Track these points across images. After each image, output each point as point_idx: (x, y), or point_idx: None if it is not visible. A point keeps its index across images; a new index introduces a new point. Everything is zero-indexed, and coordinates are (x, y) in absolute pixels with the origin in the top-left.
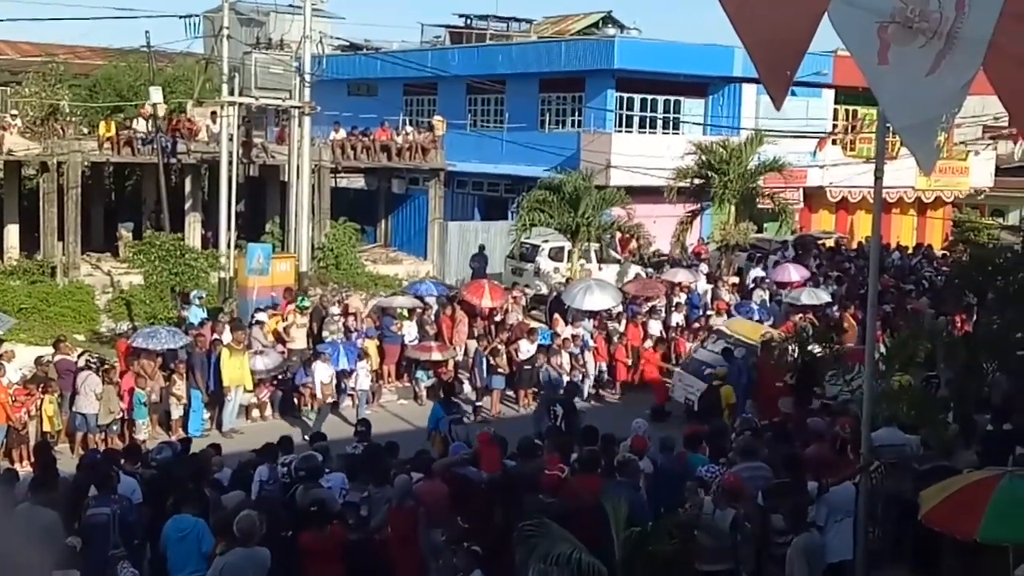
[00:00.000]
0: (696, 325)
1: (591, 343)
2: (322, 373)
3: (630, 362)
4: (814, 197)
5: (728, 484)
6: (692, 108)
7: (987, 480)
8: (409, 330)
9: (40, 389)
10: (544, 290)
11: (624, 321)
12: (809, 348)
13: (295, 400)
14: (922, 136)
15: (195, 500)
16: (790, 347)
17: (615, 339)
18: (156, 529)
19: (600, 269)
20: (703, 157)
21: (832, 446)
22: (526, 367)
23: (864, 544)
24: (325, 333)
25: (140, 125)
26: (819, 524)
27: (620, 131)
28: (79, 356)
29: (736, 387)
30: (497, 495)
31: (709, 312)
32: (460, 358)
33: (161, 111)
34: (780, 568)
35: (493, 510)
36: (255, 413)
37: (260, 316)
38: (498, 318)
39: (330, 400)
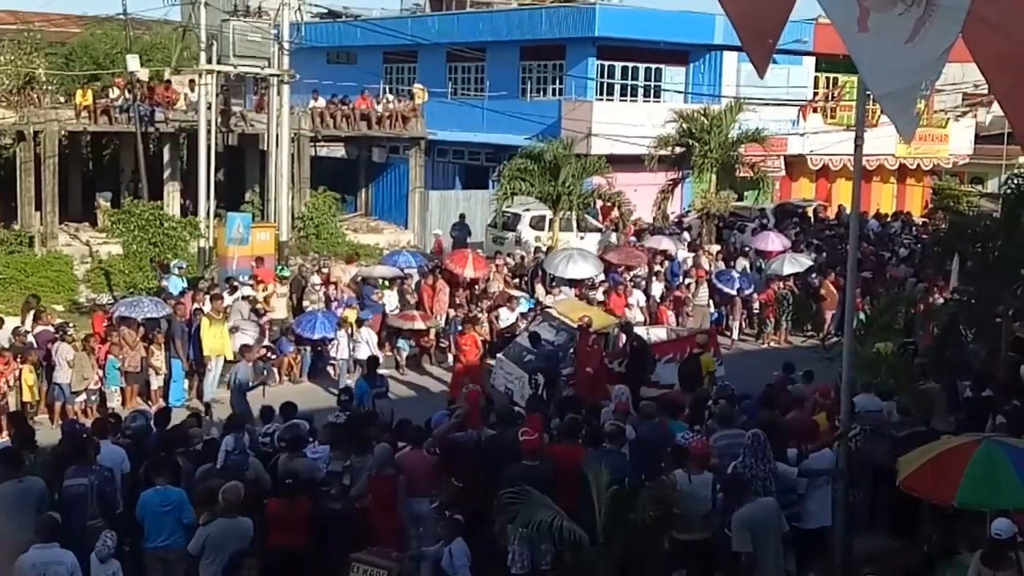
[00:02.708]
0: (677, 294)
1: None
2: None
3: None
4: (795, 165)
5: (696, 450)
6: (673, 76)
7: (964, 446)
8: (390, 300)
9: (18, 359)
10: (520, 256)
11: (604, 290)
12: (636, 333)
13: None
14: (902, 104)
15: (168, 469)
16: (614, 331)
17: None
18: (132, 498)
19: (581, 238)
20: (684, 125)
21: (812, 413)
22: (506, 335)
23: (844, 510)
24: (305, 303)
25: (116, 94)
26: (799, 492)
27: (601, 99)
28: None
29: (544, 374)
30: (482, 458)
31: (688, 280)
32: (442, 327)
33: (143, 77)
34: None
35: (481, 471)
36: None
37: (245, 291)
38: (480, 287)
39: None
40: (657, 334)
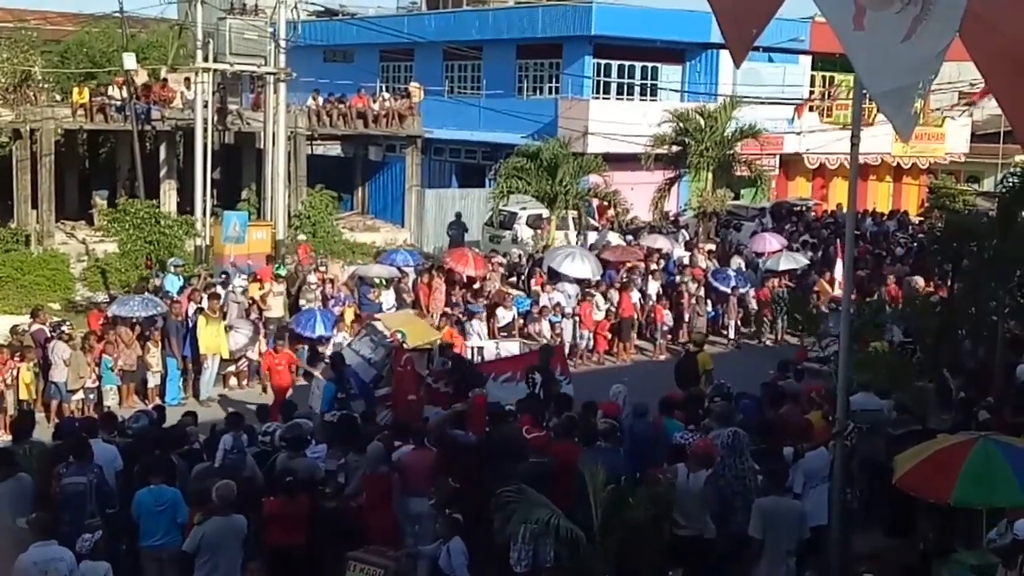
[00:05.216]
0: (680, 290)
1: (569, 311)
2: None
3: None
4: (791, 164)
5: (699, 449)
6: (670, 74)
7: (961, 444)
8: (387, 298)
9: (17, 357)
10: (517, 255)
11: (615, 291)
12: (454, 353)
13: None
14: (898, 102)
15: (163, 469)
16: (434, 349)
17: (604, 308)
18: (125, 496)
19: (578, 235)
20: (680, 124)
21: (805, 410)
22: (503, 334)
23: (840, 509)
24: (302, 301)
25: (115, 92)
26: (796, 491)
27: (598, 98)
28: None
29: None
30: (481, 456)
31: (684, 278)
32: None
33: (143, 77)
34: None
35: (480, 472)
36: (232, 381)
37: (239, 283)
38: (476, 286)
39: None
40: (508, 349)
